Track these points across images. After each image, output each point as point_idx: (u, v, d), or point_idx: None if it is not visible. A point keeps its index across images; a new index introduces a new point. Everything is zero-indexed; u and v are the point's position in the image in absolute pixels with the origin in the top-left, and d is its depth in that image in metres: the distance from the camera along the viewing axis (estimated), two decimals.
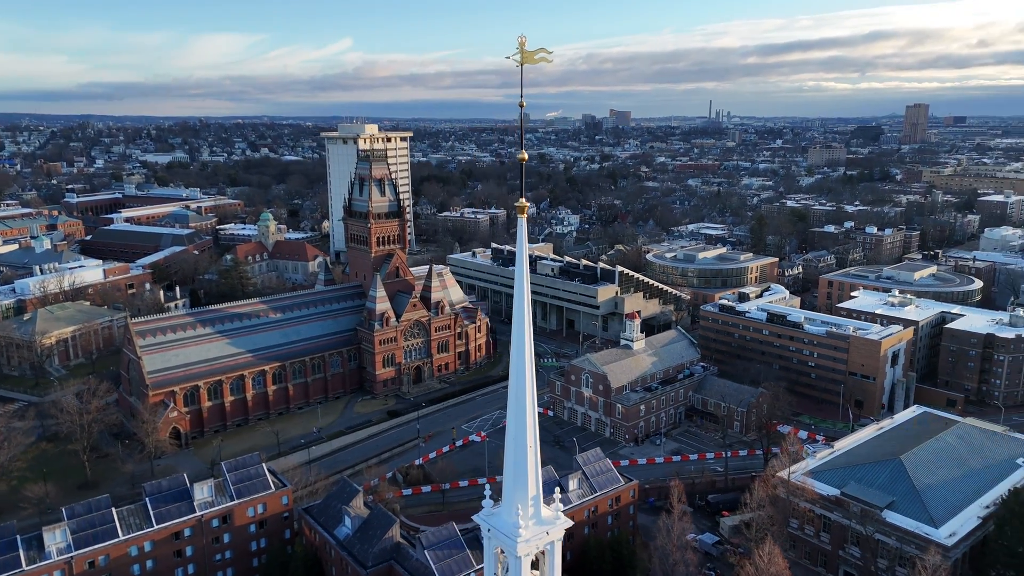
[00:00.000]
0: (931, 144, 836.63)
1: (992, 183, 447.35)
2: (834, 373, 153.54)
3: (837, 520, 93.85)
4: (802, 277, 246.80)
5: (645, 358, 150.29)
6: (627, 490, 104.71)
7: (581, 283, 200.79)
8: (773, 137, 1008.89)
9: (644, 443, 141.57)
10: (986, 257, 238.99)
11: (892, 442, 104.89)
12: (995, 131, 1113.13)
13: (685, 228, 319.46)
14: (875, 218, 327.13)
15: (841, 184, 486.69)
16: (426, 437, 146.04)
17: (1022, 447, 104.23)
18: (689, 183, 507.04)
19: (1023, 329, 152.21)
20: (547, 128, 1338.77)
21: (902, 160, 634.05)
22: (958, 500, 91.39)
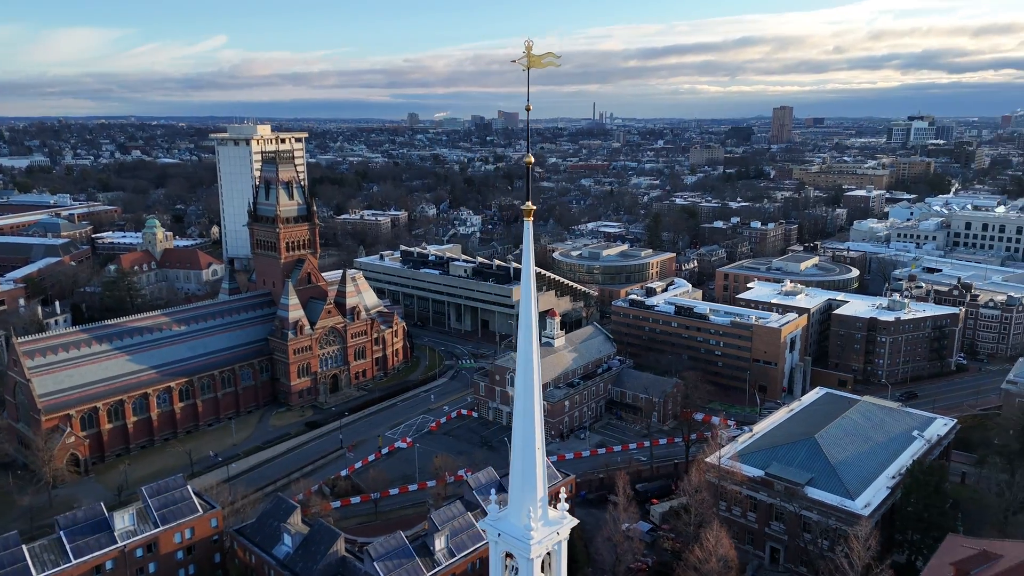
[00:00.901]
0: (796, 143, 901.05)
1: (854, 179, 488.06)
2: (739, 360, 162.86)
3: (762, 499, 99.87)
4: (697, 271, 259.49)
5: (566, 355, 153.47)
6: (565, 485, 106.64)
7: (495, 283, 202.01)
8: (655, 138, 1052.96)
9: (569, 438, 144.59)
10: (858, 247, 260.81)
11: (804, 423, 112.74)
12: (850, 131, 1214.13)
13: (585, 227, 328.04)
14: (756, 213, 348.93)
15: (722, 182, 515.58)
16: (350, 447, 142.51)
17: (915, 421, 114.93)
18: (583, 183, 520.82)
19: (901, 312, 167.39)
20: (437, 129, 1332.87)
21: (773, 159, 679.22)
22: (868, 472, 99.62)
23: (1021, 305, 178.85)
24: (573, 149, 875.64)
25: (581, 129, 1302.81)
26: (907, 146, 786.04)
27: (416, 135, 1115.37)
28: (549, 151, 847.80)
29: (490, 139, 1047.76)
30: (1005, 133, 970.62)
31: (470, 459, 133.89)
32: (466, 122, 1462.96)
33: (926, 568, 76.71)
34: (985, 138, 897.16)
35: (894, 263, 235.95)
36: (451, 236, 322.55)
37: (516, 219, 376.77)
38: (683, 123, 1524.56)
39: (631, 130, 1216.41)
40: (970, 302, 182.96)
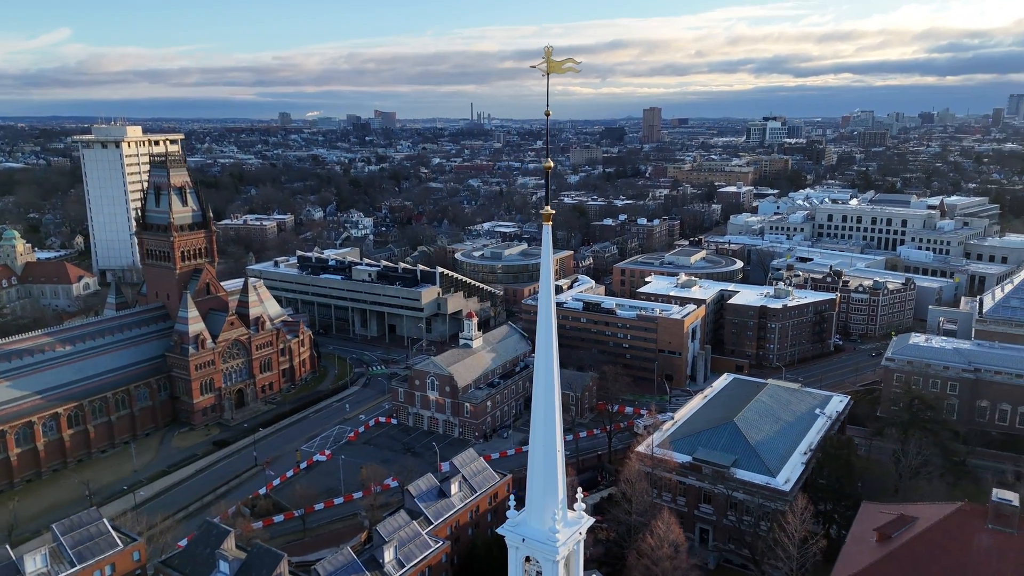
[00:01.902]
0: (666, 143, 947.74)
1: (722, 176, 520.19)
2: (646, 352, 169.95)
3: (691, 483, 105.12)
4: (593, 267, 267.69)
5: (485, 355, 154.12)
6: (503, 485, 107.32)
7: (403, 286, 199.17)
8: (534, 138, 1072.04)
9: (492, 438, 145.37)
10: (738, 240, 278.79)
11: (721, 408, 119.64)
12: (712, 131, 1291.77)
13: (481, 227, 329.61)
14: (640, 211, 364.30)
15: (603, 181, 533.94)
16: (265, 463, 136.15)
17: (816, 399, 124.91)
18: (471, 183, 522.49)
19: (787, 300, 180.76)
20: (312, 129, 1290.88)
21: (647, 158, 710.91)
22: (783, 450, 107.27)
23: (886, 289, 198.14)
24: (456, 149, 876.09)
25: (461, 129, 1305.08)
26: (764, 144, 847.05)
27: (290, 135, 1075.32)
28: (431, 151, 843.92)
29: (369, 139, 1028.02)
30: (846, 132, 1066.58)
31: (395, 467, 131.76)
32: (341, 121, 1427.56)
33: (849, 535, 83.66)
34: (829, 136, 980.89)
35: (771, 254, 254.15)
36: (344, 240, 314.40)
37: (409, 221, 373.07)
38: (558, 124, 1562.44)
39: (510, 131, 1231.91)
40: (842, 288, 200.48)
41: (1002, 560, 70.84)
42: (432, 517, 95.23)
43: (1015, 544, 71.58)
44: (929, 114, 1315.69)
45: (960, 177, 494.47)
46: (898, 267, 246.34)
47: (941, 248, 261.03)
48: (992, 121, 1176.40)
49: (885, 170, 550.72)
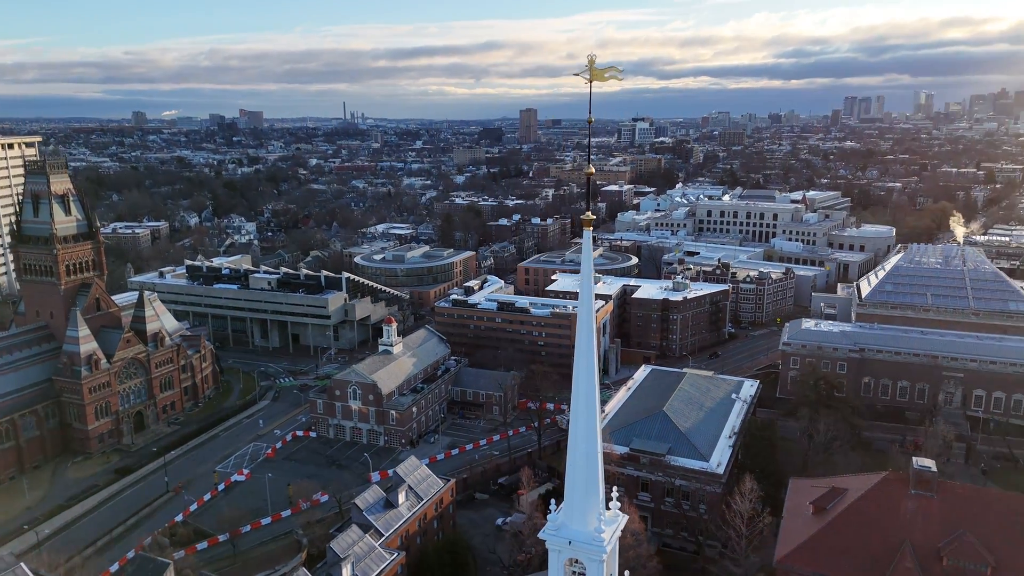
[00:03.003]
0: (543, 143, 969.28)
1: (602, 175, 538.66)
2: (560, 348, 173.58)
3: (630, 473, 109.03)
4: (494, 267, 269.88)
5: (406, 360, 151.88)
6: (447, 491, 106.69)
7: (307, 294, 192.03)
8: (412, 138, 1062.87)
9: (419, 444, 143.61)
10: (629, 237, 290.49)
11: (647, 399, 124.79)
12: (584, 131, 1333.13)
13: (375, 229, 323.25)
14: (531, 210, 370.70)
15: (488, 181, 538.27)
16: (177, 488, 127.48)
17: (730, 385, 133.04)
18: (356, 184, 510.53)
19: (686, 292, 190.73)
20: (172, 129, 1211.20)
21: (528, 158, 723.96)
22: (711, 435, 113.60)
23: (770, 279, 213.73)
24: (332, 149, 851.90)
25: (335, 129, 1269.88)
26: (634, 144, 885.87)
27: (148, 136, 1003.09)
28: (307, 152, 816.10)
29: (237, 139, 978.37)
30: (707, 132, 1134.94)
31: (322, 481, 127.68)
32: (204, 121, 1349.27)
33: (785, 510, 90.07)
34: (692, 136, 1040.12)
35: (661, 249, 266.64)
36: (228, 247, 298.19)
37: (295, 224, 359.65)
38: (435, 124, 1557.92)
39: (386, 130, 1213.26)
40: (731, 279, 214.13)
41: (926, 521, 79.02)
42: (382, 529, 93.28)
43: (935, 506, 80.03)
44: (777, 115, 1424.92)
45: (812, 173, 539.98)
46: (773, 257, 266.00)
47: (808, 239, 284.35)
48: (831, 121, 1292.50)
49: (747, 167, 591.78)
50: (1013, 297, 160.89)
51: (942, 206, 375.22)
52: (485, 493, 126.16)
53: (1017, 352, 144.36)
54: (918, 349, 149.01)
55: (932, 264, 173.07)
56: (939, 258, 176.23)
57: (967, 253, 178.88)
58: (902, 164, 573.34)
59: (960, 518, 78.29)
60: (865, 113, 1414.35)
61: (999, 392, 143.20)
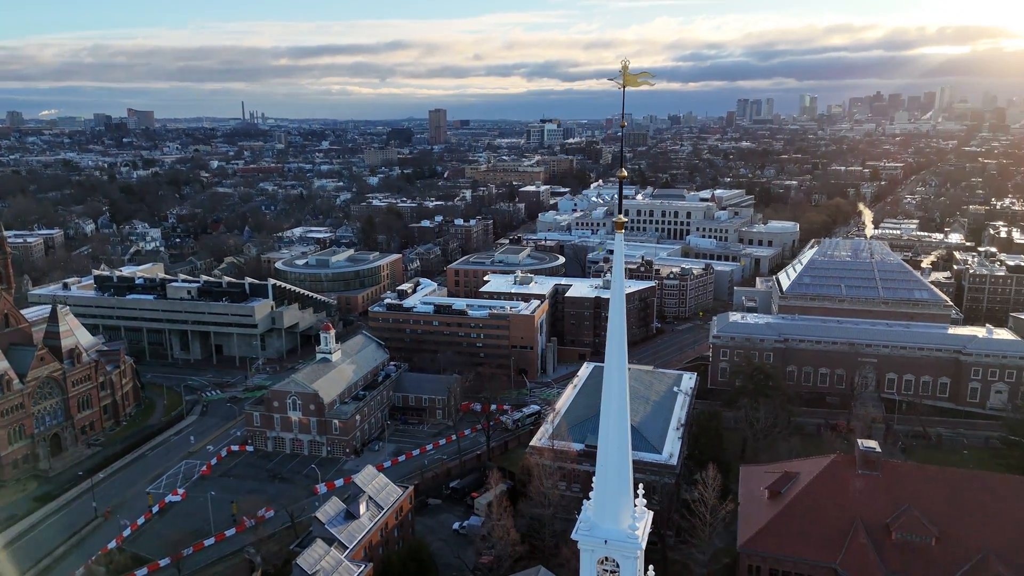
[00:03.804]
0: (453, 144, 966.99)
1: (517, 176, 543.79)
2: (500, 349, 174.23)
3: (586, 469, 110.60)
4: (421, 270, 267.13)
5: (346, 368, 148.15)
6: (406, 498, 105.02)
7: (231, 302, 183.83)
8: (317, 139, 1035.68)
9: (364, 452, 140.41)
10: (553, 236, 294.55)
11: (595, 395, 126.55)
12: (493, 132, 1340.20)
13: (292, 233, 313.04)
14: (452, 211, 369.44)
15: (403, 182, 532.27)
16: (106, 513, 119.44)
17: (671, 379, 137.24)
18: (264, 187, 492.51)
19: None
20: (54, 130, 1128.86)
21: (441, 159, 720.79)
22: (660, 428, 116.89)
23: (692, 275, 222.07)
24: (233, 151, 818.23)
25: (234, 130, 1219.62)
26: (544, 145, 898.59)
27: (26, 137, 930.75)
28: (207, 153, 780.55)
29: (128, 141, 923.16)
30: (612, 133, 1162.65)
31: (266, 496, 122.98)
32: (88, 121, 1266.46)
33: (741, 497, 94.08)
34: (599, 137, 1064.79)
35: (584, 248, 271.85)
36: (133, 255, 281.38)
37: (204, 230, 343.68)
38: (340, 124, 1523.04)
39: (289, 131, 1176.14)
40: (655, 276, 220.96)
41: (874, 499, 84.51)
42: (346, 541, 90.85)
43: (881, 484, 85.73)
44: (677, 116, 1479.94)
45: (716, 172, 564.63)
46: (689, 254, 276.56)
47: (721, 236, 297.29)
48: (726, 122, 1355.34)
49: (654, 167, 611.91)
50: (917, 286, 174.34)
51: (836, 202, 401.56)
52: (438, 498, 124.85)
53: (923, 337, 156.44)
54: (836, 338, 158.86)
55: (844, 257, 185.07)
56: (849, 251, 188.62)
57: (874, 246, 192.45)
58: (795, 163, 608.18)
59: (904, 494, 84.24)
60: (756, 115, 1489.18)
61: (909, 375, 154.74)
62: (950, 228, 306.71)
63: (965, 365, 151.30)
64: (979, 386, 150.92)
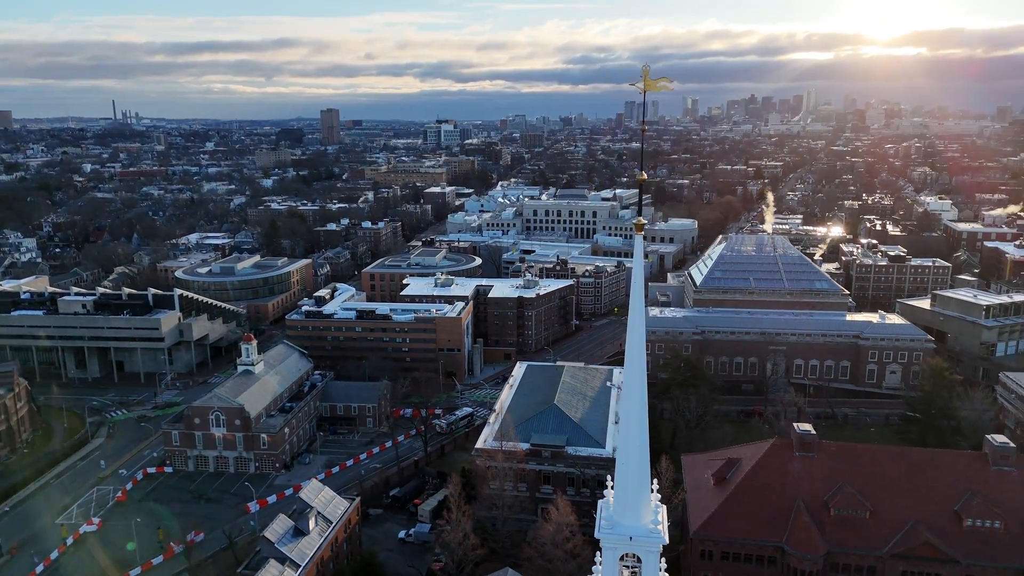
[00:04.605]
0: (347, 144, 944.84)
1: (419, 177, 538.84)
2: (426, 352, 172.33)
3: (532, 467, 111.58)
4: (331, 275, 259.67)
5: (271, 379, 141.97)
6: (354, 510, 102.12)
7: (133, 315, 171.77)
8: (201, 140, 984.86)
9: (294, 466, 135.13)
10: (466, 238, 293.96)
11: (533, 394, 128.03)
12: (387, 133, 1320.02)
13: (187, 240, 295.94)
14: (357, 214, 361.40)
15: (300, 184, 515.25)
16: (12, 549, 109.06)
17: (604, 374, 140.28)
18: (148, 191, 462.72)
19: (538, 290, 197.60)
20: None
21: (337, 160, 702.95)
22: (600, 422, 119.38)
23: (606, 272, 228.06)
24: (108, 153, 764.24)
25: (106, 130, 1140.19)
26: (441, 146, 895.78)
27: None
28: (77, 156, 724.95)
29: None
30: (507, 134, 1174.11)
31: (194, 519, 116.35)
32: None
33: (687, 485, 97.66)
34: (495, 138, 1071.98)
35: (498, 249, 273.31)
36: (8, 267, 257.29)
37: (87, 238, 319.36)
38: (224, 124, 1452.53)
39: (168, 132, 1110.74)
40: (571, 274, 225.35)
41: (812, 479, 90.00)
42: (297, 559, 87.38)
43: (817, 464, 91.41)
44: (568, 118, 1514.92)
45: (612, 172, 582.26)
46: (598, 252, 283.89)
47: (626, 233, 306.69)
48: (616, 124, 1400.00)
49: (553, 168, 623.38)
50: (817, 277, 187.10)
51: (728, 200, 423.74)
52: (379, 508, 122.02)
53: (825, 325, 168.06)
54: (748, 328, 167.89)
55: (750, 252, 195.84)
56: (754, 246, 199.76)
57: (776, 241, 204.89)
58: (685, 163, 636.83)
59: (838, 472, 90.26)
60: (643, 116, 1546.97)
61: (814, 360, 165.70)
62: (832, 222, 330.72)
63: (863, 349, 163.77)
64: (876, 368, 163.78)
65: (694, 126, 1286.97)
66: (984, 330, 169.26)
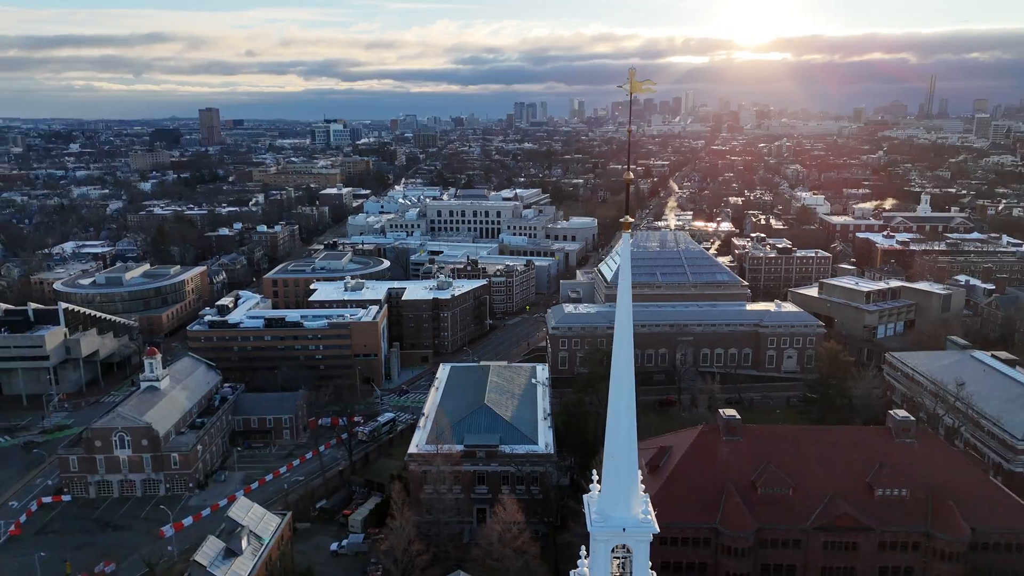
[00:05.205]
0: (230, 146, 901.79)
1: (312, 179, 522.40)
2: (342, 359, 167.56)
3: (467, 469, 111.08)
4: (228, 282, 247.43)
5: (178, 395, 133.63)
6: (287, 525, 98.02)
7: (11, 332, 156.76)
8: (64, 141, 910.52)
9: (210, 485, 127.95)
10: (371, 240, 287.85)
11: (462, 395, 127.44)
12: (272, 132, 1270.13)
13: (63, 249, 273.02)
14: (249, 217, 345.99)
15: (182, 187, 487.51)
16: None
17: (527, 371, 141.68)
18: (10, 197, 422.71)
19: (453, 291, 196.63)
20: None
21: (221, 162, 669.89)
22: (530, 419, 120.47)
23: (517, 271, 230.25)
24: None
25: None
26: (331, 146, 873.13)
27: None
28: None
29: None
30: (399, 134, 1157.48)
31: (99, 550, 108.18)
32: None
33: None
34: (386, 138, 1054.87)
35: (405, 250, 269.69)
36: None
37: None
38: (88, 124, 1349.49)
39: (25, 132, 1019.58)
40: (483, 274, 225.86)
41: (739, 461, 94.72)
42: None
43: (743, 447, 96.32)
44: (460, 118, 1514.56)
45: (509, 173, 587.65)
46: (505, 251, 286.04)
47: (531, 233, 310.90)
48: (507, 124, 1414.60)
49: (450, 168, 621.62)
50: (718, 270, 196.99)
51: (622, 198, 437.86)
52: (306, 522, 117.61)
53: (728, 315, 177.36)
54: (658, 320, 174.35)
55: (655, 248, 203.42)
56: (658, 242, 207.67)
57: (678, 236, 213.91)
58: (578, 163, 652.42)
59: (763, 453, 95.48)
60: (533, 117, 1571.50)
61: (719, 348, 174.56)
62: (720, 218, 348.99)
63: (763, 336, 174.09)
64: (775, 354, 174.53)
65: (582, 127, 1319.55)
66: (866, 314, 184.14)
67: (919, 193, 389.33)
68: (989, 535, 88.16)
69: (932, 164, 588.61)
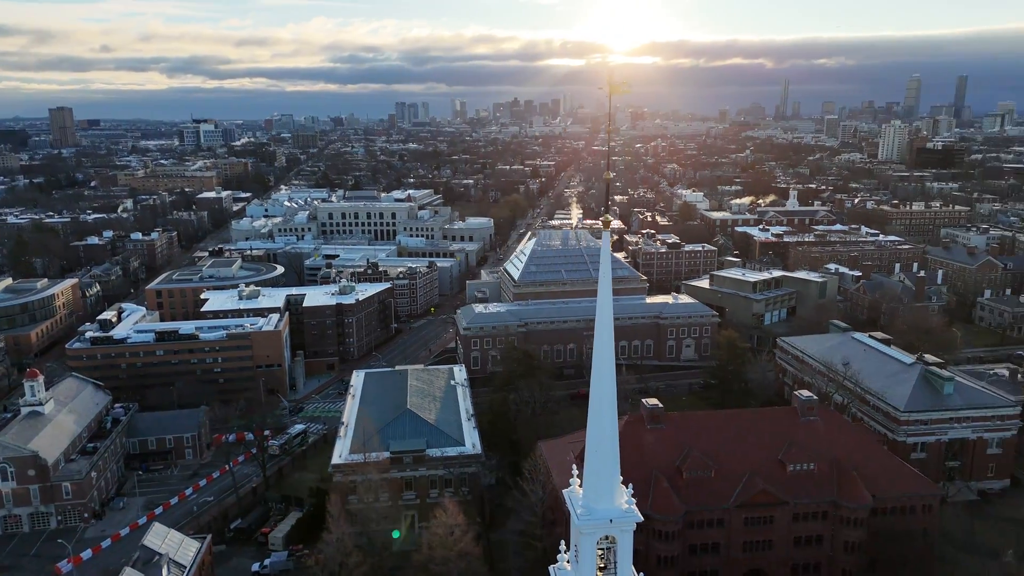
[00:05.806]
0: (87, 147, 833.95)
1: (185, 182, 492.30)
2: (243, 371, 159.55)
3: (395, 476, 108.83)
4: (103, 294, 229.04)
5: (65, 418, 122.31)
6: (207, 549, 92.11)
7: None
8: None
9: (107, 513, 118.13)
10: (259, 245, 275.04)
11: (382, 401, 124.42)
12: (134, 133, 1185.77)
13: None
14: (118, 224, 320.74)
15: (35, 193, 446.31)
16: None
17: (446, 373, 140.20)
18: None
19: (356, 295, 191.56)
20: None
21: (79, 164, 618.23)
22: (454, 420, 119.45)
23: (419, 273, 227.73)
24: None
25: None
26: (202, 147, 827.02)
27: None
28: None
29: None
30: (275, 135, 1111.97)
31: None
32: None
33: (553, 469, 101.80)
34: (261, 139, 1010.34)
35: (299, 255, 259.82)
36: None
37: None
38: None
39: None
40: (385, 277, 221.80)
41: (664, 447, 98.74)
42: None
43: (667, 434, 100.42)
44: (339, 118, 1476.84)
45: (397, 174, 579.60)
46: (403, 253, 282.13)
47: (428, 234, 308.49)
48: (389, 125, 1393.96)
49: (335, 169, 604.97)
50: (618, 266, 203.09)
51: (513, 198, 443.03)
52: (221, 544, 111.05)
53: (630, 308, 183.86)
54: (566, 316, 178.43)
55: (558, 246, 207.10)
56: (560, 241, 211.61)
57: (580, 234, 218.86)
58: (465, 163, 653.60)
59: (685, 439, 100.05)
60: (415, 117, 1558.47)
61: (624, 341, 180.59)
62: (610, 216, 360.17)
63: (663, 327, 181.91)
64: (674, 343, 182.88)
65: (465, 128, 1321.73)
66: (754, 303, 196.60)
67: (787, 189, 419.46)
68: (887, 500, 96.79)
69: (792, 162, 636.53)
